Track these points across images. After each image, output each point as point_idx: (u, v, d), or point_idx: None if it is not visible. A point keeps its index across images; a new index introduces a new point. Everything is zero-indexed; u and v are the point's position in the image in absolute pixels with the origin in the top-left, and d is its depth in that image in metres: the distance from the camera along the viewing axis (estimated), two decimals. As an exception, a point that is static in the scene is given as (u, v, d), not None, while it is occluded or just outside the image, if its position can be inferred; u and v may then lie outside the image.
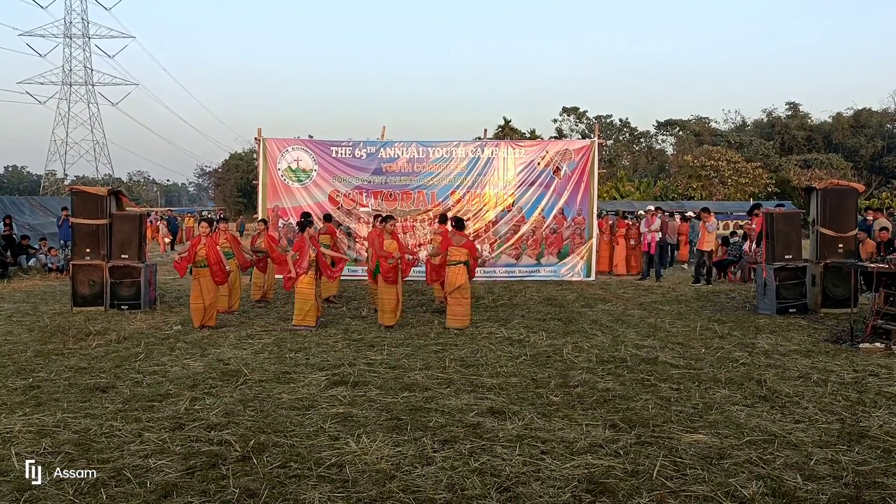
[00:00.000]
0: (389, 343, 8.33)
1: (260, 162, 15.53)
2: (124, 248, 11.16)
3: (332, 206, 15.26)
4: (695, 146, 53.64)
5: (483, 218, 15.50)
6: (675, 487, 4.01)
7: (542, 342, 8.40)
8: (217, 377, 6.63)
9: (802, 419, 5.30)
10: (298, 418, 5.33)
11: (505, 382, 6.43)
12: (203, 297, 9.37)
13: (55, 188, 72.46)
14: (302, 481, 4.12)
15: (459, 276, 9.49)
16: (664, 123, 64.45)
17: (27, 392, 6.07)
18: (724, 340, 8.48)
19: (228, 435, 4.90)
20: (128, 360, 7.34)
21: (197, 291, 9.41)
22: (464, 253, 9.56)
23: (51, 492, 3.95)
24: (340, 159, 15.48)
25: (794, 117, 57.27)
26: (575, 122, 62.44)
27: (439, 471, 4.27)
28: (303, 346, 8.12)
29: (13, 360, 7.37)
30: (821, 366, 7.08)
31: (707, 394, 6.03)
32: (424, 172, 15.50)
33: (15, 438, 4.83)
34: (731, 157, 46.21)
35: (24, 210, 22.99)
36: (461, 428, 5.09)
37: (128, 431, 4.98)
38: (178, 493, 3.95)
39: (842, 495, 3.89)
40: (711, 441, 4.79)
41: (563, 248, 15.59)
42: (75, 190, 11.87)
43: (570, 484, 4.06)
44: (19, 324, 9.69)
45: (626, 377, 6.63)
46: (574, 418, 5.33)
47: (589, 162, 15.51)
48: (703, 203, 34.83)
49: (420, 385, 6.33)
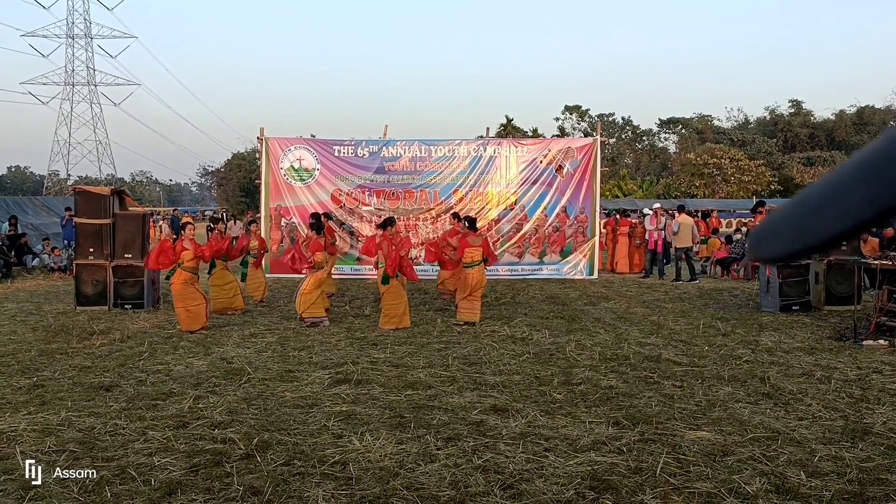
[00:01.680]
0: (393, 341, 8.33)
1: (262, 161, 15.55)
2: (127, 248, 11.18)
3: (335, 205, 15.29)
4: (697, 144, 53.60)
5: (486, 216, 15.48)
6: (679, 484, 4.01)
7: (546, 340, 8.40)
8: (221, 376, 6.65)
9: (806, 416, 5.30)
10: (302, 416, 5.34)
11: (508, 380, 6.43)
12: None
13: (58, 188, 72.60)
14: (306, 479, 4.12)
15: (482, 275, 9.54)
16: (667, 121, 64.39)
17: (31, 391, 6.08)
18: (727, 338, 8.48)
19: (232, 433, 4.91)
20: (131, 359, 7.36)
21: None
22: (479, 251, 9.60)
23: (55, 490, 3.97)
24: (343, 158, 15.48)
25: (797, 115, 57.21)
26: (577, 121, 62.39)
27: (443, 468, 4.27)
28: (306, 345, 8.14)
29: (17, 359, 7.39)
30: (824, 363, 7.07)
31: (710, 391, 6.02)
32: (427, 171, 15.50)
33: (20, 437, 4.84)
34: (733, 155, 46.17)
35: (28, 210, 23.04)
36: (464, 425, 5.09)
37: (132, 430, 5.00)
38: (183, 490, 3.96)
39: (845, 492, 3.88)
40: (715, 438, 4.79)
41: (565, 247, 15.58)
42: (78, 190, 11.89)
43: (574, 481, 4.06)
44: (23, 323, 9.72)
45: (630, 375, 6.63)
46: (577, 416, 5.33)
47: (591, 160, 15.50)
48: (706, 201, 34.81)
49: (423, 383, 6.33)
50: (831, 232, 0.37)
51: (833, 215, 0.36)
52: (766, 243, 0.41)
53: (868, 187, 0.35)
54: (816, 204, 0.38)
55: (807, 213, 0.38)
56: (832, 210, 0.36)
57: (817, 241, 0.37)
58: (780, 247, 0.39)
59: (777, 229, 0.40)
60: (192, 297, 8.98)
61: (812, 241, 0.37)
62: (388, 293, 9.20)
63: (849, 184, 0.36)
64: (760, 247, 0.42)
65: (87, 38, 76.71)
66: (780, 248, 0.40)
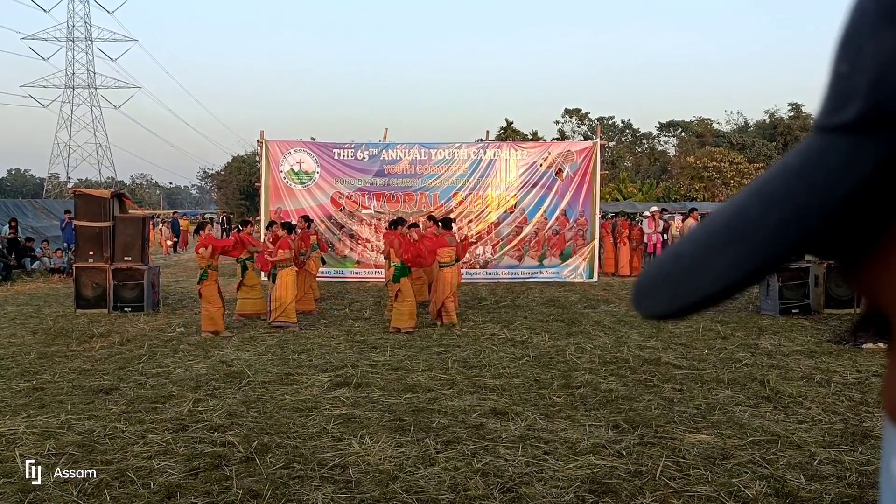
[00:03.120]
0: (392, 344, 8.33)
1: (262, 164, 15.56)
2: (127, 251, 11.18)
3: (335, 208, 15.31)
4: (697, 147, 53.63)
5: (485, 219, 15.51)
6: (679, 488, 4.00)
7: (545, 343, 8.40)
8: (220, 379, 6.64)
9: (806, 419, 5.29)
10: (301, 419, 5.34)
11: (508, 383, 6.43)
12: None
13: (58, 191, 72.57)
14: (305, 482, 4.12)
15: (459, 274, 9.63)
16: (666, 125, 64.40)
17: (31, 394, 6.08)
18: (727, 341, 8.48)
19: (232, 436, 4.91)
20: (131, 362, 7.36)
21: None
22: (454, 251, 9.75)
23: (55, 493, 3.96)
24: (343, 161, 15.50)
25: (797, 118, 57.20)
26: (577, 124, 62.38)
27: (442, 471, 4.27)
28: (305, 348, 8.13)
29: (17, 362, 7.39)
30: (824, 366, 7.07)
31: (710, 394, 6.02)
32: (427, 174, 15.51)
33: (19, 440, 4.84)
34: (733, 159, 46.18)
35: (28, 213, 23.06)
36: (464, 429, 5.09)
37: (131, 433, 5.00)
38: (182, 493, 3.95)
39: (845, 495, 3.88)
40: (714, 441, 4.79)
41: (565, 250, 15.58)
42: (78, 193, 11.90)
43: (574, 484, 4.06)
44: (23, 326, 9.72)
45: (629, 378, 6.63)
46: (577, 419, 5.33)
47: (591, 163, 15.51)
48: (706, 204, 34.86)
49: (423, 386, 6.33)
50: (707, 292, 0.36)
51: (706, 276, 0.36)
52: (645, 299, 0.40)
53: (734, 249, 0.35)
54: (689, 262, 0.37)
55: (682, 271, 0.38)
56: (703, 270, 0.36)
57: (694, 302, 0.36)
58: (659, 305, 0.38)
59: (655, 285, 0.40)
60: (216, 301, 9.10)
61: (690, 300, 0.36)
62: (402, 292, 9.25)
63: (716, 244, 0.36)
64: (641, 302, 0.40)
65: (87, 41, 76.79)
66: (660, 306, 0.38)
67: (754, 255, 0.35)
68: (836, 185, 0.34)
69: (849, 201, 0.33)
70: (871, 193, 0.33)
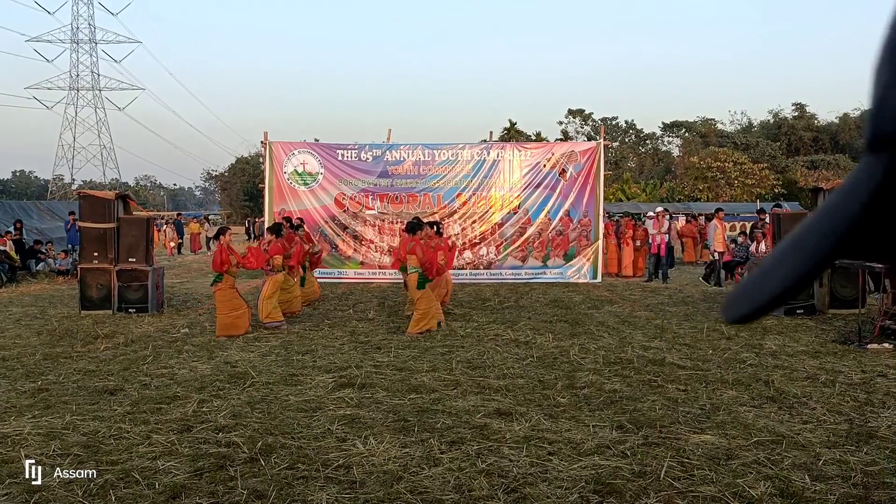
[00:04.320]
0: (396, 345, 8.34)
1: (266, 165, 15.58)
2: (132, 252, 11.21)
3: (339, 209, 15.33)
4: (701, 148, 53.51)
5: (489, 220, 15.50)
6: (683, 488, 4.00)
7: (549, 344, 8.39)
8: (225, 379, 6.66)
9: (810, 420, 5.28)
10: (306, 420, 5.35)
11: (512, 384, 6.43)
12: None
13: (62, 193, 72.84)
14: (310, 482, 4.13)
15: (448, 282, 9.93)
16: (670, 125, 64.29)
17: (36, 395, 6.10)
18: (731, 341, 8.46)
19: (236, 437, 4.91)
20: (136, 363, 7.38)
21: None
22: (442, 254, 9.92)
23: (60, 493, 3.98)
24: (346, 162, 15.51)
25: (801, 118, 57.09)
26: (580, 124, 62.35)
27: (446, 472, 4.27)
28: (310, 349, 8.14)
29: (22, 363, 7.41)
30: (829, 366, 7.05)
31: (714, 395, 6.01)
32: (430, 175, 15.51)
33: (24, 441, 4.85)
34: (737, 159, 46.11)
35: (32, 214, 23.12)
36: (468, 429, 5.09)
37: (136, 433, 5.01)
38: (187, 494, 3.96)
39: (850, 496, 3.87)
40: (719, 442, 4.78)
41: (569, 250, 15.57)
42: (83, 194, 11.92)
43: (578, 485, 4.06)
44: (28, 327, 9.75)
45: (633, 378, 6.62)
46: (581, 419, 5.32)
47: (595, 164, 15.49)
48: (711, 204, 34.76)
49: (427, 387, 6.33)
50: (772, 294, 0.43)
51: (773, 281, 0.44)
52: (731, 307, 0.47)
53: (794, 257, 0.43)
54: (765, 272, 0.45)
55: (759, 279, 0.45)
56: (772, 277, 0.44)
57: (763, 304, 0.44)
58: (740, 309, 0.46)
59: (740, 294, 0.47)
60: (237, 304, 9.05)
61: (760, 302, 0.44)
62: (423, 298, 9.18)
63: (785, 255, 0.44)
64: (728, 310, 0.47)
65: (91, 42, 77.04)
66: (741, 310, 0.46)
67: (806, 262, 0.42)
68: (859, 192, 0.41)
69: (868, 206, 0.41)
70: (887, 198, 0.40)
